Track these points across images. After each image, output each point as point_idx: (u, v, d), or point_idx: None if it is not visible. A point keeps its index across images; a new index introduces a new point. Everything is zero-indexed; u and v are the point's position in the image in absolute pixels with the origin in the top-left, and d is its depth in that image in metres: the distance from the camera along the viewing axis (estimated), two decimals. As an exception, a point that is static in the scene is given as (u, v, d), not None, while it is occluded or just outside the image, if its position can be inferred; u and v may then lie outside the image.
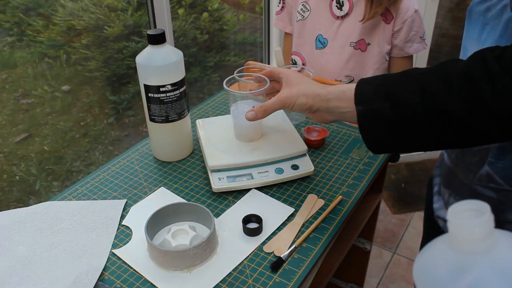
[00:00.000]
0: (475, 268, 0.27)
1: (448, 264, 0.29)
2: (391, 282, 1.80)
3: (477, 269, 0.27)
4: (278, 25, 1.43)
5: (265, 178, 0.82)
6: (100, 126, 2.22)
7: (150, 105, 0.85)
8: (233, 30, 2.89)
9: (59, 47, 2.10)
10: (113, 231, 0.74)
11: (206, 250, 0.67)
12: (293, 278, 0.65)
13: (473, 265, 0.28)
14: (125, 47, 2.25)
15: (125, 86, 2.33)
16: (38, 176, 1.95)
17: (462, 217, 0.28)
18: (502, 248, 0.28)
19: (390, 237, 2.00)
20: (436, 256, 0.31)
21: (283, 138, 0.88)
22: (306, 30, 1.33)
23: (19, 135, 1.99)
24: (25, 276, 0.65)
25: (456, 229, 0.29)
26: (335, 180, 0.85)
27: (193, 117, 1.05)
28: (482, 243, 0.28)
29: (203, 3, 2.66)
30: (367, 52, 1.27)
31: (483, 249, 0.28)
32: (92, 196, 0.83)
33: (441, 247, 0.30)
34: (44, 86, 2.08)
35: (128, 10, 2.25)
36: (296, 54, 1.38)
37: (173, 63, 0.82)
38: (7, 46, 1.97)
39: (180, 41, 2.54)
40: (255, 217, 0.74)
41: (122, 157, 0.93)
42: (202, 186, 0.84)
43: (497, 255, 0.28)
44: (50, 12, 2.04)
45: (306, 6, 1.31)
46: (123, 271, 0.67)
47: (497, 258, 0.28)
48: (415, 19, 1.23)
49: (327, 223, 0.75)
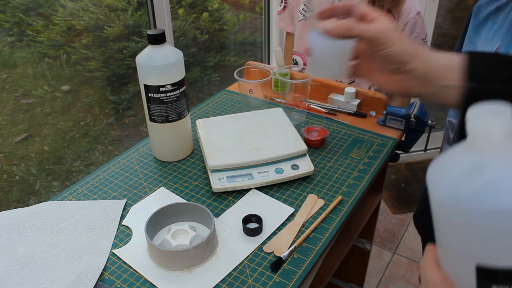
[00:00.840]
0: (492, 168, 0.26)
1: (464, 163, 0.28)
2: (391, 282, 1.80)
3: (493, 169, 0.26)
4: (280, 25, 1.44)
5: (265, 178, 0.82)
6: (100, 126, 2.22)
7: (150, 105, 0.85)
8: (233, 30, 2.89)
9: (59, 47, 2.10)
10: (113, 231, 0.74)
11: (206, 250, 0.67)
12: (293, 278, 0.65)
13: (489, 165, 0.26)
14: (125, 47, 2.25)
15: (125, 86, 2.33)
16: (38, 176, 1.95)
17: (482, 116, 0.27)
18: None
19: (390, 237, 2.00)
20: (452, 157, 0.29)
21: (283, 138, 0.88)
22: (307, 30, 1.34)
23: (19, 135, 1.99)
24: (25, 276, 0.65)
25: (475, 128, 0.27)
26: (335, 180, 0.85)
27: (193, 117, 1.05)
28: (501, 142, 0.26)
29: (203, 3, 2.66)
30: None
31: (502, 149, 0.26)
32: (92, 196, 0.83)
33: (459, 149, 0.29)
34: (44, 86, 2.07)
35: (128, 10, 2.25)
36: (297, 54, 1.39)
37: (173, 63, 0.82)
38: (7, 46, 1.97)
39: (180, 41, 2.54)
40: (255, 217, 0.74)
41: (122, 157, 0.93)
42: (202, 186, 0.84)
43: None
44: (50, 12, 2.04)
45: (308, 6, 1.31)
46: (123, 271, 0.67)
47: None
48: (417, 21, 1.23)
49: (327, 223, 0.75)
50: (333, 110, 1.10)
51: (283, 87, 1.08)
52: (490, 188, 0.25)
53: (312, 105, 1.11)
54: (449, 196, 0.27)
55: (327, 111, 1.10)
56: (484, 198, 0.25)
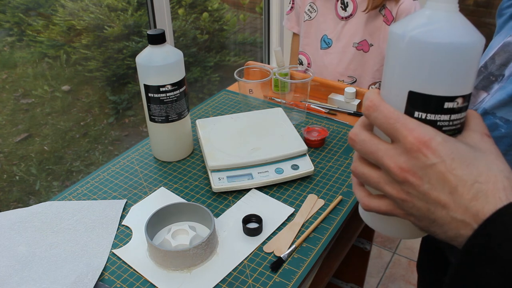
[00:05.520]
0: (435, 17, 0.35)
1: (419, 17, 0.35)
2: (391, 282, 1.80)
3: (437, 18, 0.35)
4: (287, 25, 1.45)
5: (265, 178, 0.82)
6: (100, 126, 2.22)
7: (150, 105, 0.85)
8: (233, 30, 2.89)
9: (59, 47, 2.10)
10: (113, 231, 0.74)
11: (206, 250, 0.67)
12: (293, 278, 0.65)
13: (435, 15, 0.35)
14: (125, 47, 2.25)
15: (125, 86, 2.33)
16: (38, 176, 1.95)
17: None
18: (462, 17, 0.35)
19: (390, 237, 2.00)
20: (412, 15, 0.37)
21: (283, 138, 0.88)
22: (312, 30, 1.34)
23: (19, 135, 1.99)
24: (25, 276, 0.65)
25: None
26: (335, 180, 0.85)
27: (193, 117, 1.05)
28: (452, 3, 0.35)
29: (203, 3, 2.66)
30: (370, 53, 1.28)
31: (452, 8, 0.35)
32: (92, 196, 0.83)
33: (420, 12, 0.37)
34: (44, 86, 2.07)
35: (128, 10, 2.25)
36: (302, 53, 1.39)
37: (173, 63, 0.82)
38: (7, 46, 1.97)
39: (180, 41, 2.54)
40: (255, 217, 0.74)
41: (122, 157, 0.93)
42: (202, 186, 0.84)
43: (458, 17, 0.35)
44: (50, 12, 2.04)
45: (313, 6, 1.32)
46: (123, 271, 0.67)
47: (457, 18, 0.35)
48: None
49: (327, 223, 0.75)
50: (333, 110, 1.10)
51: (283, 87, 1.08)
52: (432, 29, 0.34)
53: (312, 105, 1.11)
54: (403, 31, 0.35)
55: (327, 111, 1.10)
56: (426, 34, 0.34)
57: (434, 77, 0.35)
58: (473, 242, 0.33)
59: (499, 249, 0.31)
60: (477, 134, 0.37)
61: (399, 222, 0.41)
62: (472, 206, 0.33)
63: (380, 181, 0.37)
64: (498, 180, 0.33)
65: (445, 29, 0.34)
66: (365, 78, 1.33)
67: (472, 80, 0.36)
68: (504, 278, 0.31)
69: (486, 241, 0.32)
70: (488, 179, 0.33)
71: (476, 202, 0.33)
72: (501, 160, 0.35)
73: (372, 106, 0.37)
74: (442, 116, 0.36)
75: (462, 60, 0.34)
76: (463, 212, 0.33)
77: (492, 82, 0.61)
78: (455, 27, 0.35)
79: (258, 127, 0.92)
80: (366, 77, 1.33)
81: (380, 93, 0.39)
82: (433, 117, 0.36)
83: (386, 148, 0.36)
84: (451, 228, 0.34)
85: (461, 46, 0.34)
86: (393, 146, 0.36)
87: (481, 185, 0.33)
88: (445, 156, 0.33)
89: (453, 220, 0.34)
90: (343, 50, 1.29)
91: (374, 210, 0.40)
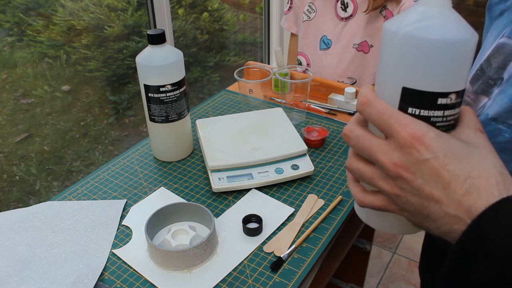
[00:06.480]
0: (429, 14, 0.35)
1: (413, 13, 0.36)
2: (391, 282, 1.80)
3: (434, 18, 0.35)
4: (285, 25, 1.45)
5: (265, 178, 0.82)
6: (100, 126, 2.22)
7: (150, 105, 0.85)
8: (233, 30, 2.89)
9: (59, 47, 2.10)
10: (113, 231, 0.74)
11: (206, 250, 0.67)
12: (293, 278, 0.65)
13: (429, 12, 0.35)
14: (125, 47, 2.25)
15: (125, 86, 2.33)
16: (38, 176, 1.95)
17: None
18: (455, 13, 0.36)
19: (390, 237, 2.00)
20: (405, 12, 0.37)
21: (283, 138, 0.88)
22: (311, 30, 1.34)
23: (19, 135, 1.99)
24: (25, 276, 0.65)
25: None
26: (335, 180, 0.85)
27: (193, 117, 1.05)
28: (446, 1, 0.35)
29: (203, 3, 2.66)
30: (370, 54, 1.27)
31: (446, 5, 0.35)
32: (92, 196, 0.83)
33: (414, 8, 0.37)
34: (44, 86, 2.07)
35: (128, 10, 2.25)
36: (301, 54, 1.39)
37: (173, 63, 0.82)
38: (7, 46, 1.97)
39: (180, 41, 2.54)
40: (255, 217, 0.74)
41: (122, 157, 0.93)
42: (202, 186, 0.84)
43: (451, 13, 0.35)
44: (50, 12, 2.04)
45: (312, 7, 1.32)
46: (123, 271, 0.67)
47: (450, 14, 0.35)
48: None
49: (327, 223, 0.75)
50: (333, 110, 1.10)
51: (283, 87, 1.08)
52: (425, 25, 0.34)
53: (312, 105, 1.11)
54: (397, 27, 0.36)
55: (327, 111, 1.10)
56: (420, 30, 0.34)
57: (428, 73, 0.35)
58: (466, 237, 0.33)
59: (492, 244, 0.31)
60: (471, 129, 0.37)
61: (394, 218, 0.41)
62: (465, 201, 0.33)
63: (374, 177, 0.38)
64: (491, 175, 0.33)
65: (438, 25, 0.34)
66: (365, 79, 1.33)
67: (465, 76, 0.36)
68: (497, 273, 0.31)
69: (479, 237, 0.32)
70: (480, 174, 0.33)
71: (469, 197, 0.33)
72: (494, 155, 0.35)
73: (366, 102, 0.37)
74: (436, 112, 0.36)
75: (455, 56, 0.35)
76: (456, 207, 0.34)
77: (492, 86, 0.61)
78: (448, 23, 0.35)
79: (258, 127, 0.92)
80: (366, 79, 1.33)
81: (374, 89, 0.39)
82: (427, 113, 0.36)
83: (380, 144, 0.36)
84: (444, 223, 0.35)
85: (454, 42, 0.34)
86: (387, 142, 0.36)
87: (474, 180, 0.33)
88: (438, 151, 0.34)
89: (446, 215, 0.34)
90: (342, 51, 1.29)
91: (369, 206, 0.40)
